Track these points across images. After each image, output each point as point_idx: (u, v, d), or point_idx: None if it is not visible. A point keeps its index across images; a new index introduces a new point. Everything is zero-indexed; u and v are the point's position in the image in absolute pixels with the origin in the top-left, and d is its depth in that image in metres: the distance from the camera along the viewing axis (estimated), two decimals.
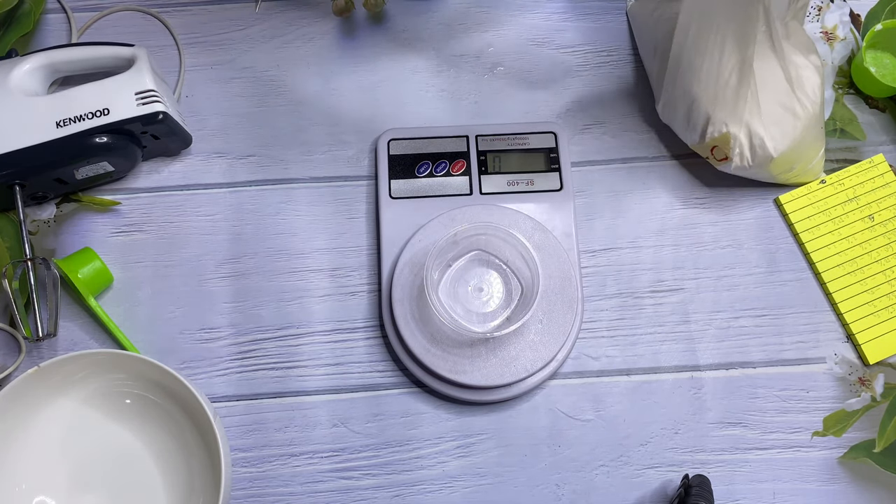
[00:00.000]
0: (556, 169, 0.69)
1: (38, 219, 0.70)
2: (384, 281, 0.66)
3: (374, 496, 0.62)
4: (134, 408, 0.62)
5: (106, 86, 0.66)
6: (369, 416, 0.64)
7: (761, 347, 0.66)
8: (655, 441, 0.64)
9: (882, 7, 0.76)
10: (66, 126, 0.64)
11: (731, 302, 0.67)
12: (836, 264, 0.67)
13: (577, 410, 0.64)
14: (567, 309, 0.64)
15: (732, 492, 0.62)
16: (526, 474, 0.63)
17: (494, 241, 0.65)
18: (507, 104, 0.73)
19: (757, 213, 0.70)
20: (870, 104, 0.73)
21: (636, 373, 0.65)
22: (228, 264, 0.68)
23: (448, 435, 0.64)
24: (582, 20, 0.76)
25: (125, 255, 0.68)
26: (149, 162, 0.71)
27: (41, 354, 0.66)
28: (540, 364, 0.62)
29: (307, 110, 0.73)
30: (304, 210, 0.70)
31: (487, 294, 0.64)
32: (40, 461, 0.60)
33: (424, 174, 0.69)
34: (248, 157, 0.72)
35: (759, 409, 0.64)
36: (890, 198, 0.69)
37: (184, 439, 0.61)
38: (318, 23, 0.76)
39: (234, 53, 0.75)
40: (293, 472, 0.63)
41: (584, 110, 0.73)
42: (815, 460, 0.63)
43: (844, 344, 0.66)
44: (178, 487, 0.61)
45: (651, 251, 0.69)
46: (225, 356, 0.66)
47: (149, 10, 0.76)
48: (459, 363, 0.62)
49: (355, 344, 0.66)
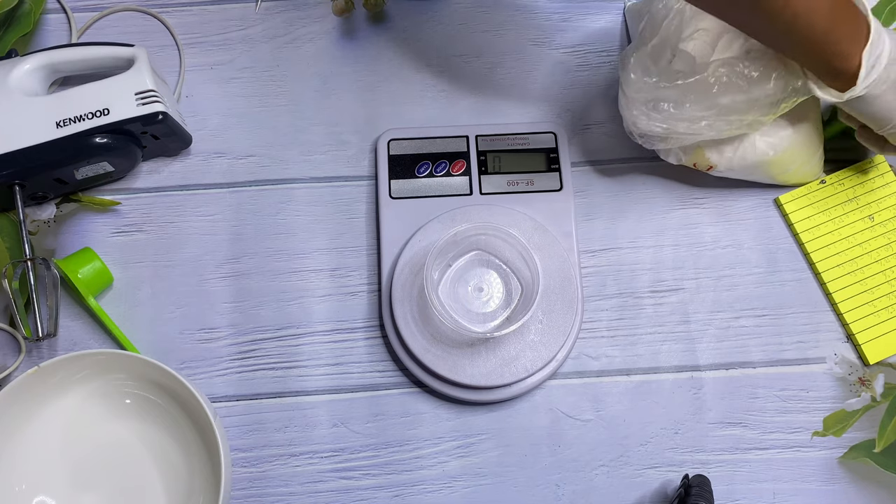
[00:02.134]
0: (556, 169, 0.69)
1: (38, 219, 0.70)
2: (384, 281, 0.66)
3: (374, 496, 0.62)
4: (134, 408, 0.62)
5: (106, 86, 0.66)
6: (369, 416, 0.64)
7: (761, 347, 0.66)
8: (655, 441, 0.64)
9: (882, 7, 0.76)
10: (66, 126, 0.64)
11: (731, 302, 0.67)
12: (836, 264, 0.67)
13: (577, 410, 0.64)
14: (567, 309, 0.64)
15: (732, 492, 0.62)
16: (526, 474, 0.63)
17: (494, 241, 0.65)
18: (507, 104, 0.73)
19: (757, 213, 0.70)
20: None
21: (636, 373, 0.65)
22: (228, 264, 0.68)
23: (448, 435, 0.64)
24: (582, 20, 0.76)
25: (125, 255, 0.68)
26: (149, 162, 0.71)
27: (41, 354, 0.66)
28: (540, 364, 0.62)
29: (307, 110, 0.73)
30: (304, 210, 0.70)
31: (487, 294, 0.64)
32: (40, 461, 0.60)
33: (424, 174, 0.69)
34: (248, 157, 0.72)
35: (759, 409, 0.64)
36: (890, 198, 0.69)
37: (184, 439, 0.61)
38: (318, 23, 0.76)
39: (234, 53, 0.75)
40: (293, 472, 0.63)
41: (584, 110, 0.73)
42: (815, 460, 0.63)
43: (844, 344, 0.66)
44: (178, 487, 0.61)
45: (651, 251, 0.69)
46: (225, 356, 0.66)
47: (149, 10, 0.76)
48: (459, 363, 0.62)
49: (355, 344, 0.66)
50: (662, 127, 0.61)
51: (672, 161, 0.67)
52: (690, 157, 0.66)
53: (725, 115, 0.59)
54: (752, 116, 0.60)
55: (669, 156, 0.67)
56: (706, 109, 0.59)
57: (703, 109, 0.59)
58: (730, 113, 0.59)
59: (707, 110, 0.59)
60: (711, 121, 0.60)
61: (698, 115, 0.60)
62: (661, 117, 0.61)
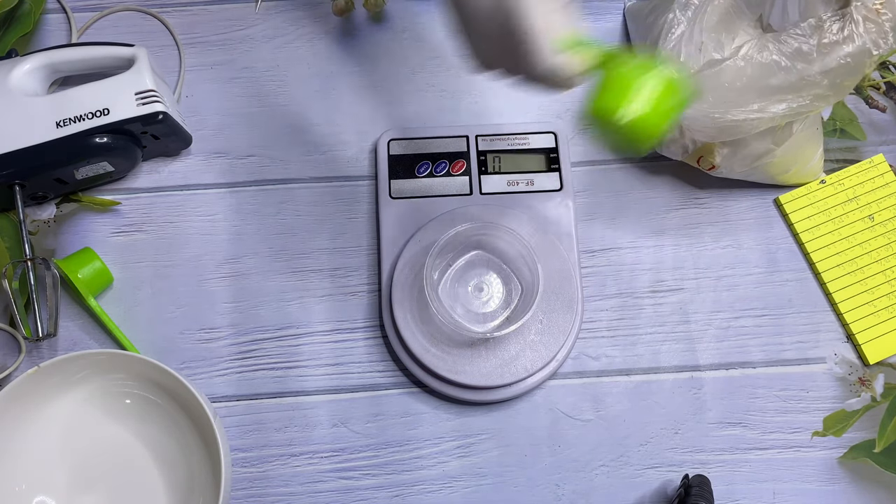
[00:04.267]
0: (556, 169, 0.69)
1: (38, 219, 0.70)
2: (384, 281, 0.66)
3: (374, 496, 0.62)
4: (134, 408, 0.62)
5: (106, 86, 0.66)
6: (369, 416, 0.64)
7: (761, 347, 0.66)
8: (655, 441, 0.64)
9: None
10: (66, 126, 0.64)
11: (731, 302, 0.67)
12: (836, 264, 0.67)
13: (577, 410, 0.64)
14: (567, 309, 0.64)
15: (732, 492, 0.62)
16: (526, 474, 0.63)
17: (494, 241, 0.65)
18: (507, 104, 0.73)
19: (757, 213, 0.70)
20: (870, 104, 0.73)
21: (636, 373, 0.65)
22: (228, 264, 0.68)
23: (448, 435, 0.64)
24: (582, 20, 0.76)
25: (125, 255, 0.68)
26: (149, 162, 0.71)
27: (41, 354, 0.66)
28: (540, 364, 0.62)
29: (307, 110, 0.73)
30: (304, 210, 0.70)
31: (487, 294, 0.64)
32: (40, 461, 0.60)
33: (424, 174, 0.69)
34: (248, 157, 0.72)
35: (759, 409, 0.64)
36: (890, 198, 0.69)
37: (184, 439, 0.61)
38: (318, 23, 0.76)
39: (234, 53, 0.75)
40: (293, 472, 0.63)
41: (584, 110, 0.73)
42: (815, 460, 0.63)
43: (844, 344, 0.66)
44: (178, 487, 0.61)
45: (651, 251, 0.69)
46: (225, 356, 0.66)
47: (149, 10, 0.76)
48: (459, 363, 0.62)
49: (355, 344, 0.66)
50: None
51: (677, 154, 0.66)
52: (696, 152, 0.65)
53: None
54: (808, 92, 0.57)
55: (673, 145, 0.66)
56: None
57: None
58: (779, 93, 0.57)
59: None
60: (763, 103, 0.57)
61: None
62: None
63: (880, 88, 0.73)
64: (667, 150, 0.67)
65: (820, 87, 0.57)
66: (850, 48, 0.55)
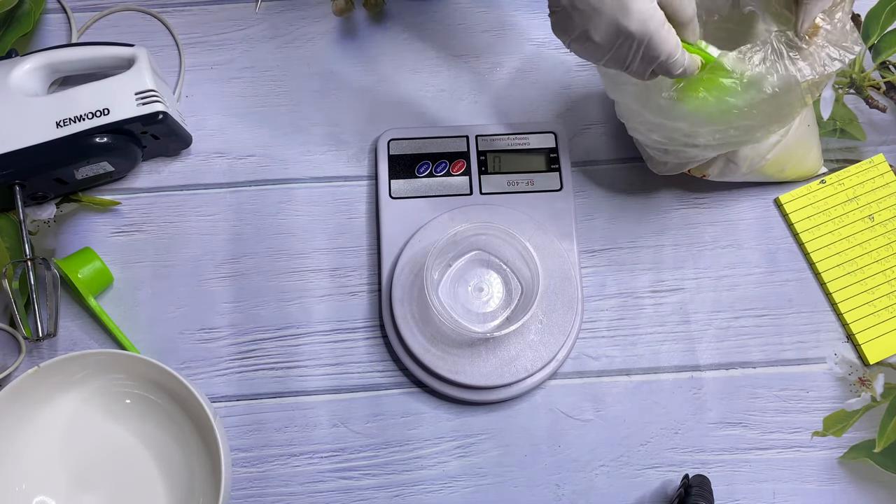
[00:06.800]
0: (556, 169, 0.69)
1: (38, 219, 0.70)
2: (384, 281, 0.66)
3: (374, 496, 0.62)
4: (134, 408, 0.62)
5: (106, 86, 0.66)
6: (369, 416, 0.64)
7: (761, 347, 0.66)
8: (655, 441, 0.64)
9: (882, 7, 0.76)
10: (66, 126, 0.64)
11: (731, 302, 0.67)
12: (836, 264, 0.67)
13: (577, 410, 0.64)
14: (567, 309, 0.64)
15: (732, 492, 0.62)
16: (526, 474, 0.63)
17: (494, 241, 0.65)
18: (507, 104, 0.73)
19: (757, 213, 0.70)
20: (870, 104, 0.73)
21: (636, 373, 0.65)
22: (228, 264, 0.68)
23: (448, 435, 0.64)
24: None
25: (125, 255, 0.68)
26: (149, 162, 0.71)
27: (41, 354, 0.66)
28: (540, 364, 0.62)
29: (307, 110, 0.73)
30: (304, 210, 0.70)
31: (487, 294, 0.64)
32: (40, 461, 0.60)
33: (424, 174, 0.69)
34: (248, 157, 0.72)
35: (759, 409, 0.64)
36: (890, 198, 0.69)
37: (184, 439, 0.61)
38: (318, 23, 0.76)
39: (234, 53, 0.75)
40: (293, 472, 0.63)
41: (583, 110, 0.73)
42: (815, 460, 0.63)
43: (844, 344, 0.66)
44: (178, 487, 0.61)
45: (651, 251, 0.69)
46: (225, 356, 0.66)
47: (149, 10, 0.76)
48: (459, 363, 0.62)
49: (355, 344, 0.66)
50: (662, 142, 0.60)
51: (661, 171, 0.67)
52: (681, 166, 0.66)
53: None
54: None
55: (661, 167, 0.66)
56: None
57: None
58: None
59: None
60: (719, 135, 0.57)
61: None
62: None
63: (880, 88, 0.73)
64: (654, 167, 0.67)
65: (751, 118, 0.55)
66: (773, 79, 0.54)
